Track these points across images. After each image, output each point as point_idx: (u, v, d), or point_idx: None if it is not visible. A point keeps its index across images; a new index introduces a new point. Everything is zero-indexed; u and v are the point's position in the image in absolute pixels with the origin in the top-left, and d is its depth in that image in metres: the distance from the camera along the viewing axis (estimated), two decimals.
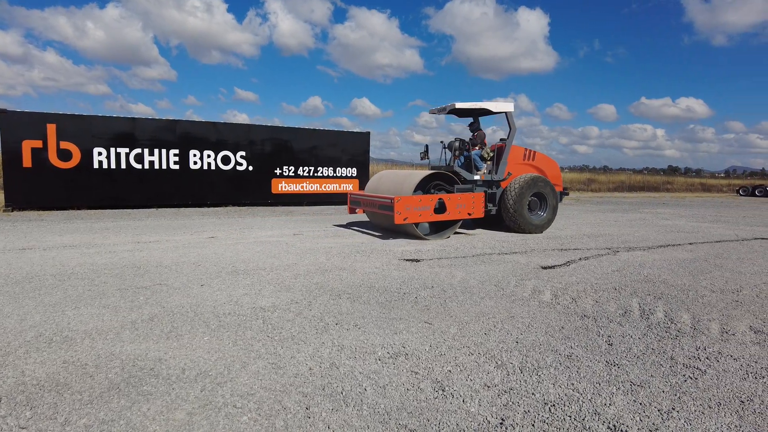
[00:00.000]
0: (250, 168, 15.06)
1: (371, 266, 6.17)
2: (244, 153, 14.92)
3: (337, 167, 16.57)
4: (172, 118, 14.13)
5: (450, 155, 10.15)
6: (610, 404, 2.68)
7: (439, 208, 8.68)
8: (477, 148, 10.11)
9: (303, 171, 15.96)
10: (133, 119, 13.52)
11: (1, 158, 12.84)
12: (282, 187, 15.64)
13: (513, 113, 9.96)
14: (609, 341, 3.67)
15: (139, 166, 13.48)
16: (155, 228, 9.61)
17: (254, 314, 4.12)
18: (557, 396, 2.77)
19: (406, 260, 6.62)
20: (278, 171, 15.53)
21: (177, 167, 13.97)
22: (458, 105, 9.70)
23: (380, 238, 8.76)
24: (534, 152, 10.58)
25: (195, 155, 14.21)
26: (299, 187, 15.95)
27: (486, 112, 10.22)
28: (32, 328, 3.67)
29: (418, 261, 6.59)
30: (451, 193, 9.10)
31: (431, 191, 9.13)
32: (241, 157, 14.90)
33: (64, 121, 12.60)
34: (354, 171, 16.92)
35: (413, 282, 5.38)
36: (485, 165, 9.96)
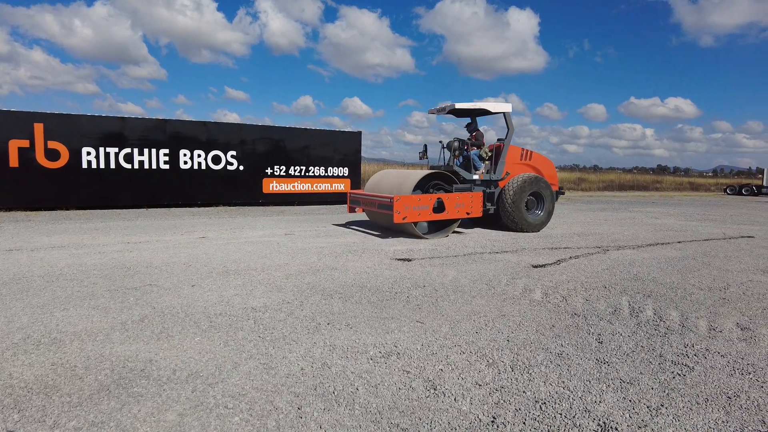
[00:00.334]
0: (241, 168, 14.99)
1: (363, 266, 6.17)
2: (234, 152, 14.85)
3: (328, 167, 16.54)
4: (162, 117, 14.01)
5: (449, 155, 10.23)
6: (600, 401, 2.71)
7: (438, 207, 8.74)
8: (475, 148, 10.19)
9: (294, 171, 15.91)
10: (123, 118, 13.40)
11: None
12: (273, 186, 15.58)
13: (511, 113, 10.09)
14: (599, 339, 3.71)
15: (128, 166, 13.35)
16: (145, 228, 9.53)
17: (245, 314, 4.10)
18: (548, 394, 2.79)
19: (398, 260, 6.63)
20: (269, 171, 15.47)
21: (167, 167, 13.86)
22: (458, 105, 9.79)
23: (372, 237, 8.76)
24: (531, 152, 10.69)
25: (185, 155, 14.10)
26: (290, 186, 15.89)
27: (484, 113, 10.32)
28: (20, 330, 3.62)
29: (410, 260, 6.60)
30: (450, 192, 9.17)
31: (430, 191, 9.20)
32: (232, 156, 14.82)
33: (52, 121, 12.45)
34: (345, 170, 16.90)
35: (405, 281, 5.39)
36: (483, 165, 10.05)
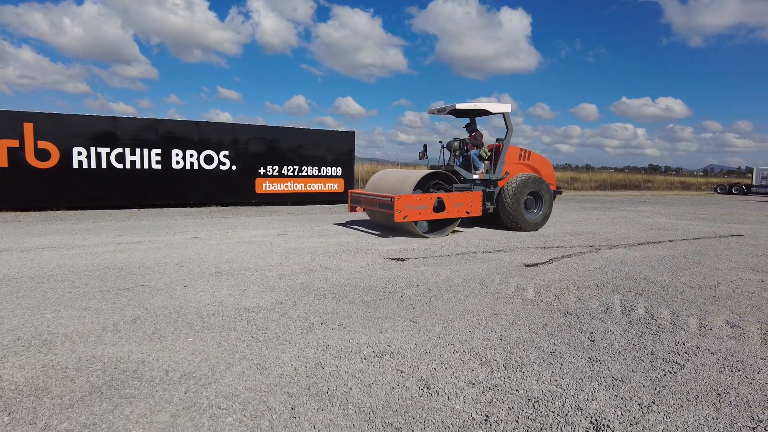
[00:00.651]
0: (234, 167, 14.93)
1: (357, 266, 6.17)
2: (227, 152, 14.79)
3: (321, 166, 16.52)
4: (153, 117, 13.92)
5: (448, 155, 10.34)
6: (592, 399, 2.73)
7: (438, 206, 8.82)
8: (475, 148, 10.27)
9: (287, 170, 15.87)
10: (114, 118, 13.31)
11: None
12: (266, 186, 15.53)
13: (510, 114, 10.22)
14: (591, 337, 3.73)
15: (120, 166, 13.27)
16: (137, 229, 9.47)
17: (238, 315, 4.09)
18: (541, 392, 2.80)
19: (392, 259, 6.63)
20: (262, 170, 15.42)
21: (159, 167, 13.79)
22: (459, 106, 9.88)
23: (366, 237, 8.76)
24: (529, 152, 10.81)
25: (177, 155, 14.03)
26: (284, 186, 15.86)
27: (484, 113, 10.41)
28: (10, 332, 3.59)
29: (403, 260, 6.61)
30: (450, 192, 9.25)
31: (430, 190, 9.28)
32: (225, 156, 14.77)
33: (42, 120, 12.34)
34: (339, 170, 16.88)
35: (398, 281, 5.39)
36: (483, 164, 10.14)
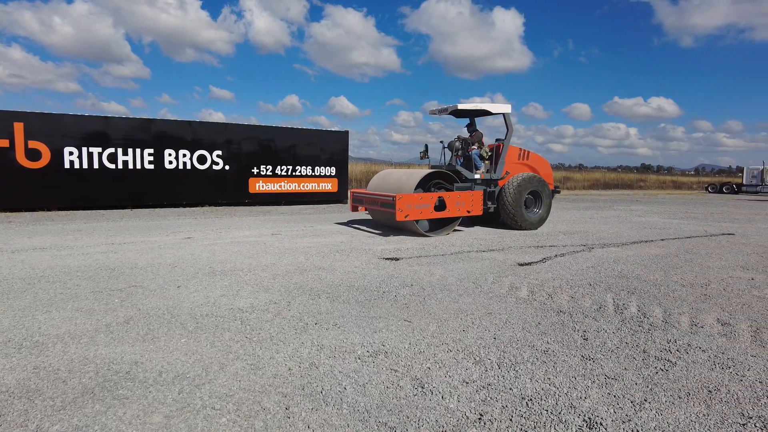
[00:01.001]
0: (227, 167, 14.87)
1: (351, 265, 6.17)
2: (220, 152, 14.73)
3: (315, 166, 16.49)
4: (146, 116, 13.84)
5: (449, 155, 10.46)
6: (585, 397, 2.74)
7: (439, 205, 8.90)
8: (475, 148, 10.37)
9: (281, 170, 15.83)
10: (106, 118, 13.21)
11: None
12: (260, 186, 15.48)
13: (510, 114, 10.33)
14: (584, 336, 3.75)
15: (112, 166, 13.18)
16: (130, 229, 9.41)
17: (232, 315, 4.08)
18: (534, 390, 2.82)
19: (386, 259, 6.64)
20: (255, 170, 15.37)
21: (152, 167, 13.71)
22: (461, 106, 9.99)
23: (360, 237, 8.76)
24: (528, 152, 10.96)
25: (170, 155, 13.96)
26: (277, 186, 15.81)
27: (485, 113, 10.51)
28: (0, 334, 3.56)
29: (397, 260, 6.61)
30: (451, 191, 9.32)
31: (431, 189, 9.35)
32: (218, 156, 14.70)
33: (33, 120, 12.23)
34: (333, 170, 16.86)
35: (393, 280, 5.40)
36: (484, 164, 10.25)
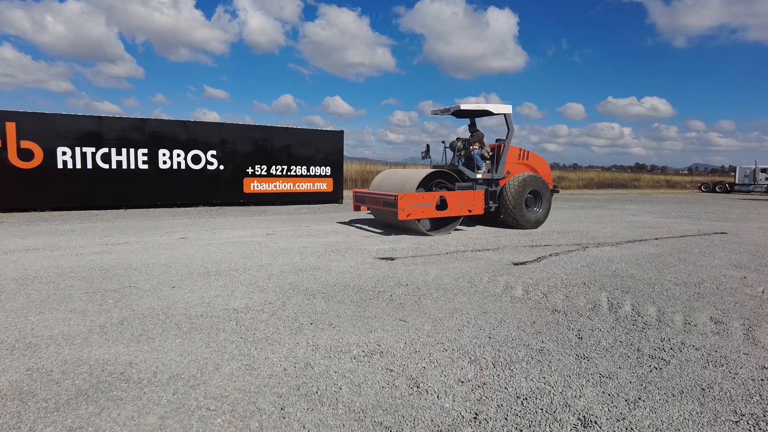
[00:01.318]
0: (222, 167, 14.82)
1: (346, 265, 6.17)
2: (215, 152, 14.68)
3: (310, 166, 16.46)
4: (140, 116, 13.77)
5: (451, 154, 10.62)
6: (580, 396, 2.75)
7: (441, 205, 8.99)
8: (477, 148, 10.46)
9: (276, 170, 15.80)
10: (99, 118, 13.14)
11: None
12: (254, 186, 15.44)
13: (511, 115, 10.47)
14: (579, 335, 3.77)
15: (106, 166, 13.11)
16: (124, 229, 9.36)
17: (227, 316, 4.06)
18: (529, 389, 2.82)
19: (381, 259, 6.64)
20: (250, 170, 15.33)
21: (146, 167, 13.65)
22: (463, 106, 10.10)
23: (355, 237, 8.76)
24: (528, 152, 11.10)
25: (164, 154, 13.90)
26: (272, 186, 15.78)
27: (486, 113, 10.61)
28: None
29: (392, 259, 6.61)
30: (452, 190, 9.40)
31: (433, 189, 9.45)
32: (212, 156, 14.65)
33: (25, 120, 12.15)
34: (328, 170, 16.84)
35: (388, 280, 5.40)
36: (485, 164, 10.35)
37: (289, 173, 16.04)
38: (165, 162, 13.93)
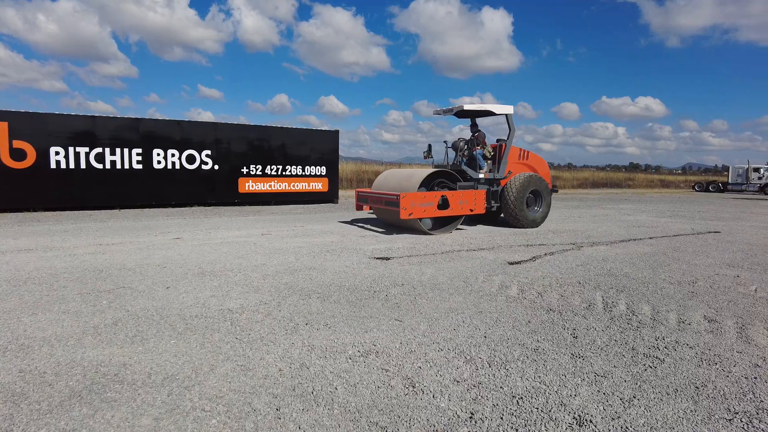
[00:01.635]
0: (216, 167, 14.77)
1: (341, 265, 6.16)
2: (209, 152, 14.62)
3: (305, 166, 16.43)
4: (134, 116, 13.69)
5: (453, 154, 10.72)
6: (575, 395, 2.76)
7: (443, 204, 9.05)
8: (478, 148, 10.54)
9: (271, 170, 15.75)
10: (93, 117, 13.06)
11: None
12: (249, 186, 15.40)
13: (513, 115, 10.55)
14: (574, 334, 3.78)
15: (99, 166, 13.03)
16: (118, 230, 9.31)
17: (222, 316, 4.05)
18: (525, 389, 2.83)
19: (377, 258, 6.63)
20: (245, 170, 15.28)
21: (140, 167, 13.58)
22: (466, 107, 10.18)
23: (351, 237, 8.75)
24: (528, 152, 11.22)
25: (159, 154, 13.84)
26: (267, 186, 15.73)
27: (488, 114, 10.69)
28: None
29: (388, 259, 6.61)
30: (454, 190, 9.47)
31: (435, 188, 9.51)
32: (207, 156, 14.60)
33: (17, 119, 12.06)
34: (323, 169, 16.81)
35: (383, 280, 5.39)
36: (487, 163, 10.44)
37: (284, 173, 16.01)
38: (159, 162, 13.86)
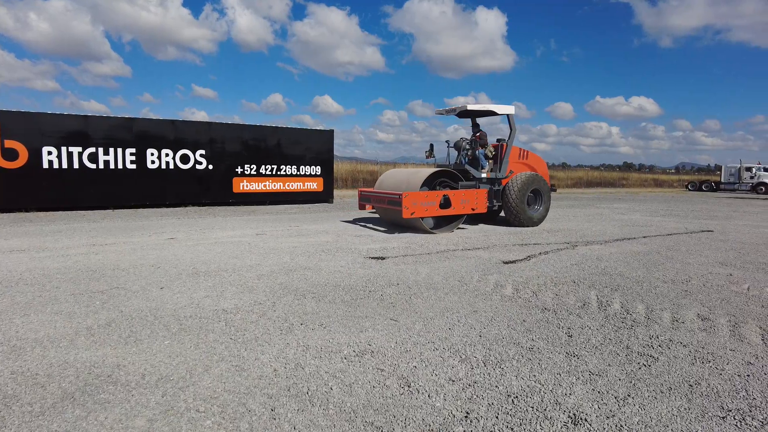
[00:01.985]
0: (211, 167, 14.72)
1: (336, 265, 6.15)
2: (204, 151, 14.57)
3: (300, 165, 16.41)
4: (127, 116, 13.62)
5: (454, 153, 10.84)
6: (570, 394, 2.77)
7: (444, 203, 9.13)
8: (481, 148, 10.62)
9: (265, 170, 15.72)
10: (86, 117, 12.98)
11: None
12: (244, 186, 15.36)
13: (514, 115, 10.65)
14: (569, 333, 3.79)
15: (93, 166, 12.96)
16: (111, 230, 9.26)
17: (216, 316, 4.03)
18: (520, 388, 2.83)
19: (372, 258, 6.63)
20: (240, 170, 15.24)
21: (134, 167, 13.52)
22: (470, 107, 10.27)
23: (346, 236, 8.74)
24: (527, 151, 11.33)
25: (152, 154, 13.78)
26: (262, 186, 15.70)
27: (490, 114, 10.77)
28: None
29: (383, 259, 6.61)
30: (456, 189, 9.53)
31: (437, 188, 9.58)
32: (201, 155, 14.55)
33: (9, 119, 11.97)
34: (318, 169, 16.79)
35: (379, 280, 5.39)
36: (488, 163, 10.52)
37: (278, 173, 15.97)
38: (153, 162, 13.80)
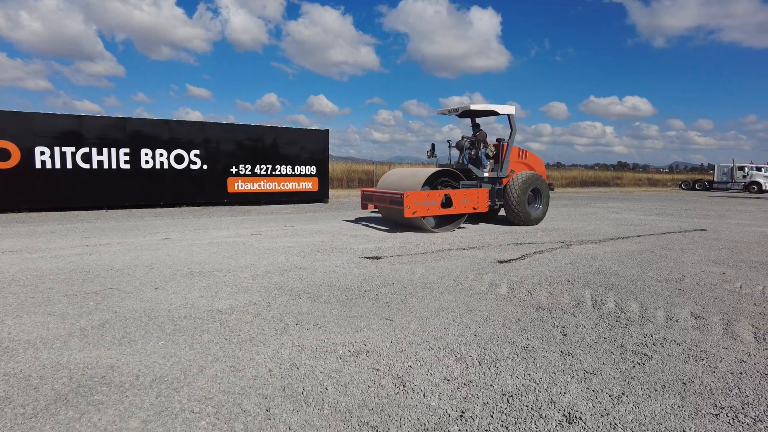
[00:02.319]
0: (205, 167, 14.67)
1: (332, 265, 6.14)
2: (198, 151, 14.51)
3: (295, 165, 16.37)
4: (121, 115, 13.55)
5: (455, 153, 11.01)
6: (564, 392, 2.78)
7: (446, 202, 9.18)
8: (482, 147, 10.70)
9: (260, 169, 15.67)
10: (79, 116, 12.90)
11: None
12: (238, 186, 15.31)
13: (514, 115, 10.76)
14: (563, 332, 3.80)
15: (86, 166, 12.88)
16: (105, 230, 9.20)
17: (211, 317, 4.02)
18: (515, 386, 2.84)
19: (367, 258, 6.63)
20: (234, 170, 15.19)
21: (128, 167, 13.45)
22: (473, 106, 10.35)
23: (341, 236, 8.73)
24: (526, 151, 11.45)
25: (146, 154, 13.71)
26: (256, 186, 15.65)
27: (492, 114, 10.86)
28: None
29: (378, 258, 6.61)
30: (457, 188, 9.59)
31: (438, 187, 9.66)
32: (195, 155, 14.49)
33: (1, 119, 11.88)
34: (313, 169, 16.76)
35: (374, 279, 5.39)
36: (489, 162, 10.62)
37: (273, 173, 15.94)
38: (147, 162, 13.73)
